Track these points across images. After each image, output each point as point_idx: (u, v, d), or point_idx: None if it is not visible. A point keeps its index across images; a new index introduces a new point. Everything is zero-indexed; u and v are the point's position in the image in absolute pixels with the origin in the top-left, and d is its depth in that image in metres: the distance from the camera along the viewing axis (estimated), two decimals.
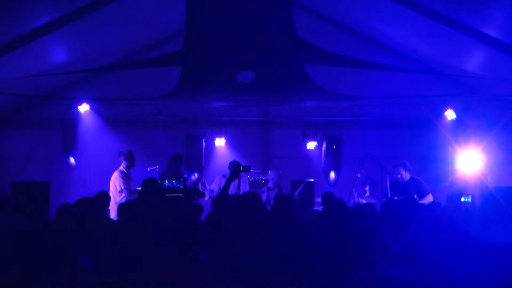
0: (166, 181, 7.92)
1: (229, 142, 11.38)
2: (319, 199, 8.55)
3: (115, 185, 9.14)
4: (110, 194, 9.13)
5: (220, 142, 11.28)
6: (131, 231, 4.62)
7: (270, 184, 10.05)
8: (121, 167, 9.30)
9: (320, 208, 7.61)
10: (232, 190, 8.80)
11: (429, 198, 8.84)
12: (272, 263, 3.71)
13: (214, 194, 9.95)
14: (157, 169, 9.96)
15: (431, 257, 3.68)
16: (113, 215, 8.52)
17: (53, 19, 7.56)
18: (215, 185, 10.40)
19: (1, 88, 9.12)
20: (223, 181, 10.26)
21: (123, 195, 9.10)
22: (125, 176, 9.23)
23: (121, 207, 5.96)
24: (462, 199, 5.67)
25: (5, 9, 6.72)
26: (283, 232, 4.62)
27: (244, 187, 10.00)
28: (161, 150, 11.14)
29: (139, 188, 9.30)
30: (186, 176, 10.01)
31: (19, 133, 11.43)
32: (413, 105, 10.80)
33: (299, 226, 4.40)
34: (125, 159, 9.31)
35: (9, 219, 5.86)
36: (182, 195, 6.81)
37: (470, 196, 5.84)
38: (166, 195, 7.20)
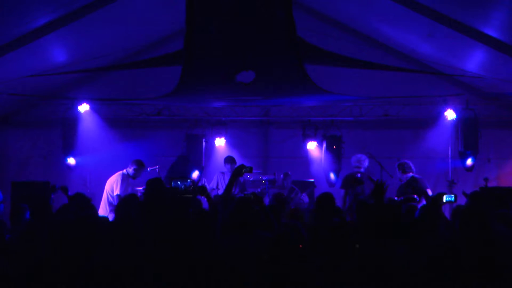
0: (172, 182, 7.92)
1: (229, 142, 11.37)
2: None
3: (112, 186, 9.15)
4: (104, 191, 9.18)
5: (220, 142, 11.27)
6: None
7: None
8: (125, 170, 9.29)
9: None
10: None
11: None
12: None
13: (215, 192, 9.97)
14: (157, 169, 9.96)
15: None
16: (101, 212, 8.71)
17: (53, 19, 7.57)
18: (213, 183, 10.44)
19: (1, 88, 9.12)
20: (221, 178, 10.30)
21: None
22: (125, 180, 9.21)
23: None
24: (445, 198, 5.66)
25: (5, 9, 6.73)
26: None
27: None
28: (161, 150, 11.15)
29: (139, 188, 9.33)
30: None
31: (19, 133, 11.43)
32: (413, 105, 10.80)
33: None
34: (135, 169, 9.28)
35: None
36: (191, 195, 6.77)
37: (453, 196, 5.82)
38: (173, 195, 7.17)
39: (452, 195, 5.66)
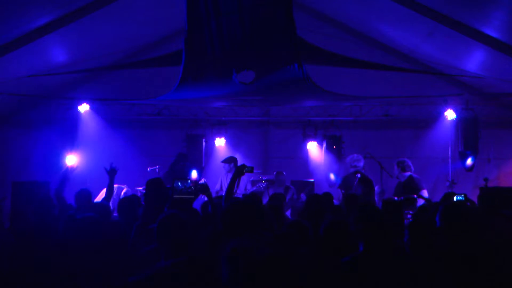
0: (175, 183, 7.90)
1: (229, 142, 11.37)
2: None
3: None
4: None
5: (220, 142, 11.28)
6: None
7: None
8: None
9: None
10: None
11: (423, 195, 8.76)
12: None
13: (220, 193, 9.97)
14: (157, 169, 9.96)
15: None
16: None
17: (53, 19, 7.58)
18: (218, 184, 10.42)
19: (1, 88, 9.12)
20: (224, 179, 10.29)
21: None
22: None
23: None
24: (455, 198, 5.67)
25: (5, 9, 6.73)
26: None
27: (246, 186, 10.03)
28: (161, 150, 11.15)
29: (139, 188, 9.33)
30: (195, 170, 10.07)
31: (19, 133, 11.42)
32: (413, 105, 10.79)
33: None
34: None
35: None
36: (193, 196, 6.77)
37: (462, 194, 5.82)
38: (175, 196, 7.15)
39: (462, 195, 5.66)
